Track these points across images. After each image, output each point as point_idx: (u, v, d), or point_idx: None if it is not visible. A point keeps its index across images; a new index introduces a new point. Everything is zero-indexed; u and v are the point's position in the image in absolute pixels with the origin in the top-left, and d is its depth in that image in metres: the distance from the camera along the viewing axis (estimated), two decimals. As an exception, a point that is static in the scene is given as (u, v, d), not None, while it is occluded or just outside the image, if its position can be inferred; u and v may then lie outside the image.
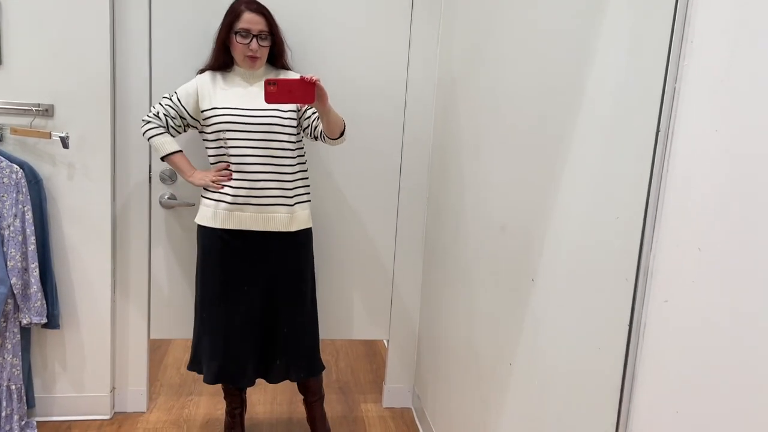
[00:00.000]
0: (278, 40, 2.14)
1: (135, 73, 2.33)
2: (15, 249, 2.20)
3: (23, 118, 2.25)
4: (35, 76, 2.23)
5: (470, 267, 1.98)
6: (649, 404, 1.02)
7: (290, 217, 2.12)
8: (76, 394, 2.46)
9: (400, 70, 2.48)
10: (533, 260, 1.49)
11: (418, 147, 2.55)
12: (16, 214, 2.20)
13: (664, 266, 0.98)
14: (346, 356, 3.33)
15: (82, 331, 2.42)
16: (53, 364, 2.43)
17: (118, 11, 2.28)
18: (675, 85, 0.97)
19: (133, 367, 2.53)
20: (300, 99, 1.88)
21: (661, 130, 0.99)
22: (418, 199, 2.59)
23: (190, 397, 2.74)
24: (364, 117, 2.48)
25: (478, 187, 1.93)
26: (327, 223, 2.55)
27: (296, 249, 2.19)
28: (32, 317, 2.25)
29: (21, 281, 2.23)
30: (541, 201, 1.44)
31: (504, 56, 1.73)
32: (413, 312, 2.69)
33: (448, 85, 2.32)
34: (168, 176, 2.40)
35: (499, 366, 1.69)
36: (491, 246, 1.80)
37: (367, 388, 2.95)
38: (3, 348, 2.26)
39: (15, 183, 2.19)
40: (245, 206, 2.08)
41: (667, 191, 0.98)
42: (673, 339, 0.96)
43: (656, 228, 1.00)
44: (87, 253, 2.37)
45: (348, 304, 2.64)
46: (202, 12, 2.30)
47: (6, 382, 2.26)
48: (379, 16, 2.43)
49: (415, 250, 2.63)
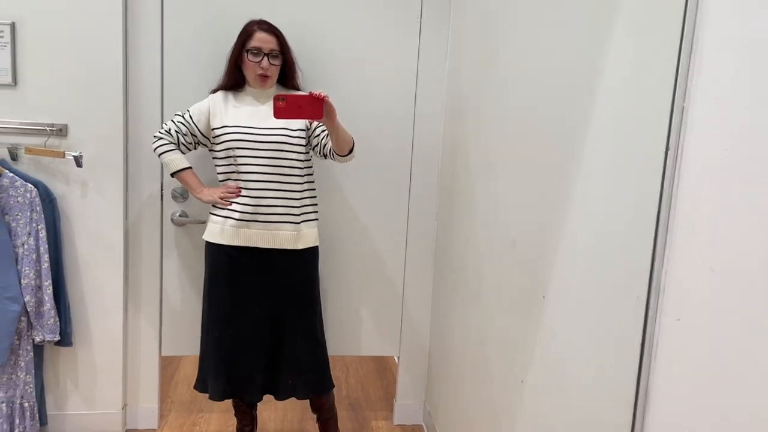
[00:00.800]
0: (289, 60, 2.18)
1: (147, 93, 2.36)
2: (29, 267, 2.22)
3: (38, 138, 2.28)
4: (49, 96, 2.27)
5: (481, 283, 1.98)
6: (663, 423, 1.01)
7: (296, 235, 2.14)
8: (88, 411, 2.47)
9: (409, 86, 2.50)
10: (545, 276, 1.49)
11: (427, 162, 2.56)
12: (30, 232, 2.22)
13: (676, 284, 0.98)
14: (356, 373, 3.32)
15: (94, 348, 2.43)
16: (65, 382, 2.44)
17: (131, 32, 2.32)
18: (683, 104, 0.97)
19: (144, 384, 2.54)
20: (309, 115, 1.90)
21: (671, 148, 0.99)
22: (428, 214, 2.59)
23: (201, 414, 2.74)
24: (374, 133, 2.50)
25: (489, 203, 1.94)
26: (337, 238, 2.56)
27: (303, 267, 2.20)
28: (45, 335, 2.27)
29: (35, 299, 2.25)
30: (551, 217, 1.45)
31: (512, 72, 1.75)
32: (424, 328, 2.68)
33: (457, 100, 2.34)
34: (179, 194, 2.43)
35: (511, 383, 1.69)
36: (502, 262, 1.80)
37: (378, 404, 2.94)
38: (16, 365, 2.28)
39: (29, 202, 2.22)
40: (252, 223, 2.10)
41: (677, 209, 0.98)
42: (686, 357, 0.96)
43: (667, 246, 1.00)
44: (100, 271, 2.39)
45: (358, 320, 2.64)
46: (213, 33, 2.34)
47: (19, 399, 2.28)
48: (387, 33, 2.45)
49: (425, 265, 2.63)
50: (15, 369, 2.28)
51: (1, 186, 2.19)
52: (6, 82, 2.22)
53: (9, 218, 2.22)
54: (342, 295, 2.61)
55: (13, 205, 2.21)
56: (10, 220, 2.22)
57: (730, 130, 0.87)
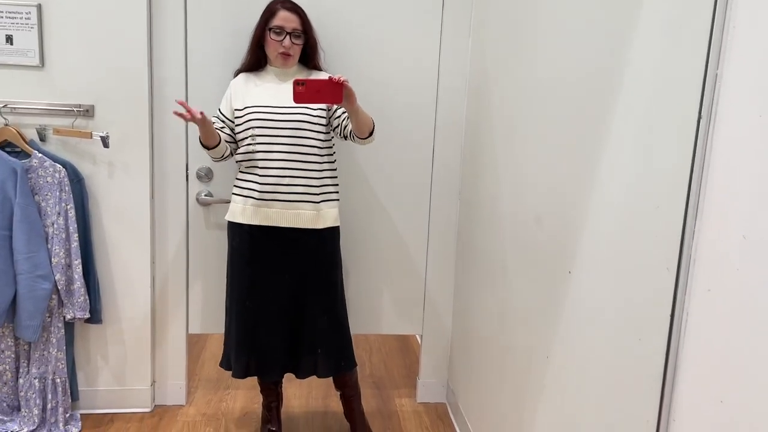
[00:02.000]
0: (311, 40, 2.18)
1: (172, 73, 2.38)
2: (59, 246, 2.27)
3: (65, 119, 2.31)
4: (76, 77, 2.30)
5: (505, 260, 1.97)
6: (693, 394, 1.00)
7: (316, 214, 2.14)
8: (118, 387, 2.52)
9: (432, 64, 2.48)
10: (570, 252, 1.47)
11: (449, 140, 2.54)
12: (59, 212, 2.26)
13: (706, 255, 0.97)
14: (379, 352, 3.34)
15: (123, 325, 2.48)
16: (96, 358, 2.49)
17: (155, 13, 2.33)
18: (717, 71, 0.95)
19: (172, 361, 2.58)
20: (328, 99, 1.90)
21: (703, 117, 0.97)
22: (451, 192, 2.58)
23: (228, 391, 2.79)
24: (396, 111, 2.49)
25: (513, 179, 1.92)
26: (359, 218, 2.56)
27: (323, 246, 2.20)
28: (76, 312, 2.32)
29: (65, 277, 2.29)
30: (577, 191, 1.43)
31: (538, 44, 1.72)
32: (446, 306, 2.69)
33: (481, 77, 2.31)
34: (204, 174, 2.45)
35: (536, 359, 1.68)
36: (526, 238, 1.79)
37: (401, 383, 2.96)
38: (48, 342, 2.33)
39: (58, 182, 2.25)
40: (272, 202, 2.11)
41: (709, 179, 0.96)
42: (716, 328, 0.94)
43: (698, 216, 0.99)
44: (127, 250, 2.43)
45: (381, 299, 2.65)
46: (236, 12, 2.34)
47: (51, 375, 2.33)
48: (410, 11, 2.43)
49: (447, 243, 2.63)
50: (47, 346, 2.33)
51: (31, 166, 2.23)
52: (33, 63, 2.25)
53: (39, 198, 2.26)
54: (365, 274, 2.62)
55: (42, 185, 2.25)
56: (39, 200, 2.26)
57: (764, 97, 0.85)
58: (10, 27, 2.21)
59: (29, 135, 2.29)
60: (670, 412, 1.06)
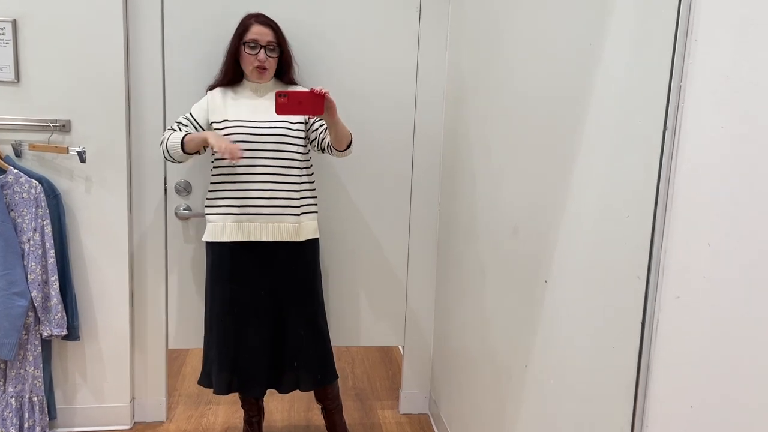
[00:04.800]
0: (286, 53, 2.19)
1: (149, 87, 2.37)
2: (35, 262, 2.24)
3: (41, 134, 2.29)
4: (52, 92, 2.28)
5: (484, 270, 1.99)
6: (664, 399, 1.02)
7: (297, 227, 2.16)
8: (97, 404, 2.49)
9: (409, 77, 2.51)
10: (546, 261, 1.49)
11: (428, 152, 2.57)
12: (35, 228, 2.24)
13: (675, 263, 0.99)
14: (362, 363, 3.34)
15: (101, 342, 2.45)
16: (74, 375, 2.46)
17: (132, 27, 2.33)
18: (681, 83, 0.98)
19: (152, 377, 2.56)
20: (310, 111, 1.93)
21: (668, 128, 1.00)
22: (430, 203, 2.60)
23: (209, 407, 2.77)
24: (375, 123, 2.51)
25: (490, 190, 1.95)
26: (339, 229, 2.57)
27: (304, 259, 2.21)
28: (53, 329, 2.29)
29: (41, 294, 2.27)
30: (552, 202, 1.45)
31: (513, 58, 1.75)
32: (428, 317, 2.70)
33: (458, 89, 2.34)
34: (183, 188, 2.44)
35: (515, 368, 1.70)
36: (504, 248, 1.81)
37: (384, 394, 2.96)
38: (25, 360, 2.30)
39: (34, 198, 2.23)
40: (254, 216, 2.12)
41: (676, 188, 0.99)
42: (686, 335, 0.96)
43: (666, 225, 1.01)
44: (105, 265, 2.41)
45: (362, 310, 2.65)
46: (213, 27, 2.34)
47: (28, 393, 2.30)
48: (386, 23, 2.46)
49: (428, 254, 2.65)
50: (23, 364, 2.30)
51: (6, 182, 2.21)
52: (9, 79, 2.24)
53: (14, 214, 2.24)
54: (346, 285, 2.62)
55: (18, 201, 2.23)
56: (15, 216, 2.24)
57: (727, 108, 0.88)
58: (-16, 43, 2.20)
59: (5, 151, 2.27)
60: (643, 419, 1.08)
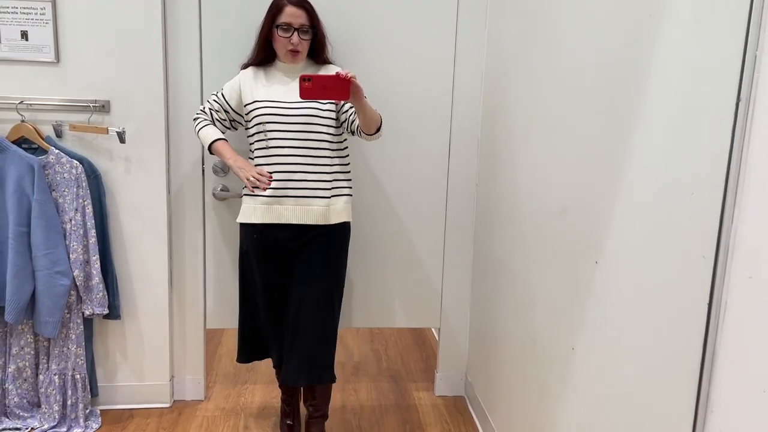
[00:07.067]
0: (320, 35, 2.13)
1: (187, 67, 2.37)
2: (77, 242, 2.27)
3: (81, 115, 2.30)
4: (91, 72, 2.29)
5: (527, 251, 1.95)
6: (732, 384, 0.98)
7: (327, 209, 2.10)
8: (137, 382, 2.53)
9: (447, 56, 2.46)
10: (597, 242, 1.45)
11: (466, 132, 2.52)
12: (77, 208, 2.26)
13: (747, 242, 0.94)
14: (396, 345, 3.33)
15: (141, 321, 2.48)
16: (115, 354, 2.50)
17: (169, 5, 2.32)
18: (756, 52, 0.92)
19: (190, 356, 2.58)
20: (335, 95, 1.87)
21: (742, 99, 0.95)
22: (468, 185, 2.56)
23: (246, 386, 2.79)
24: (411, 103, 2.47)
25: (534, 170, 1.90)
26: (374, 211, 2.55)
27: (331, 242, 2.15)
28: (94, 308, 2.32)
29: (83, 273, 2.29)
30: (606, 180, 1.41)
31: (560, 32, 1.70)
32: (464, 298, 2.67)
33: (498, 66, 2.29)
34: (220, 168, 2.44)
35: (560, 351, 1.66)
36: (550, 229, 1.76)
37: (418, 376, 2.95)
38: (67, 338, 2.33)
39: (75, 178, 2.25)
40: (283, 198, 2.07)
41: (749, 164, 0.94)
42: (758, 316, 0.92)
43: (737, 202, 0.96)
44: (144, 245, 2.43)
45: (397, 292, 2.64)
46: (251, 5, 2.32)
47: (71, 371, 2.34)
48: (422, 7, 2.40)
49: (464, 235, 2.61)
50: (66, 342, 2.34)
51: (48, 162, 2.23)
52: (49, 59, 2.25)
53: (56, 194, 2.26)
54: (380, 267, 2.60)
55: (59, 181, 2.25)
56: (57, 196, 2.26)
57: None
58: (24, 23, 2.21)
59: (45, 131, 2.29)
60: (708, 404, 1.04)
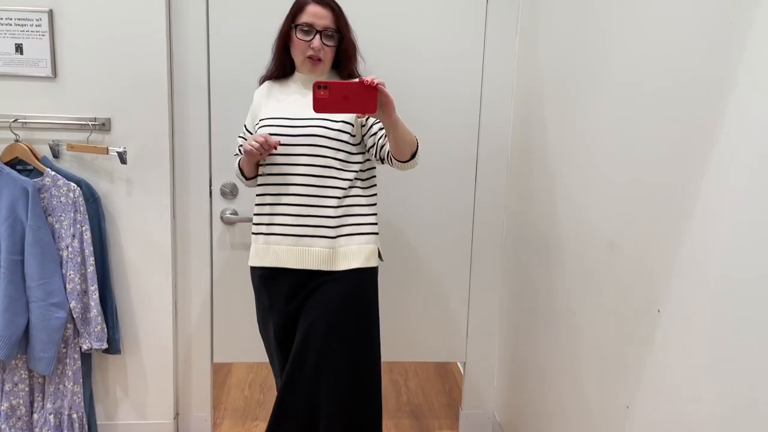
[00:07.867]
0: (347, 41, 1.77)
1: (193, 83, 2.19)
2: (74, 271, 2.09)
3: (80, 134, 2.14)
4: (91, 88, 2.12)
5: (568, 289, 1.74)
6: None
7: (332, 252, 1.71)
8: (139, 420, 2.34)
9: (475, 63, 2.26)
10: (658, 285, 1.24)
11: (494, 154, 2.32)
12: (74, 234, 2.09)
13: None
14: (416, 376, 3.12)
15: (143, 355, 2.30)
16: (115, 390, 2.31)
17: (175, 20, 2.15)
18: None
19: (196, 392, 2.39)
20: (358, 108, 1.49)
21: None
22: (495, 210, 2.36)
23: (255, 423, 2.59)
24: (435, 120, 2.28)
25: (575, 196, 1.69)
26: (397, 237, 2.35)
27: (344, 293, 1.71)
28: (93, 342, 2.14)
29: (80, 305, 2.12)
30: (667, 211, 1.20)
31: (613, 45, 1.50)
32: (492, 333, 2.46)
33: (532, 79, 2.09)
34: (229, 190, 2.26)
35: (612, 408, 1.45)
36: (595, 265, 1.56)
37: (441, 412, 2.74)
38: (63, 375, 2.16)
39: (72, 202, 2.08)
40: (280, 237, 1.73)
41: None
42: None
43: None
44: (147, 273, 2.25)
45: (420, 324, 2.43)
46: (260, 16, 2.14)
47: (67, 410, 2.16)
48: (450, 11, 2.22)
49: (492, 266, 2.40)
50: (62, 379, 2.16)
51: (44, 185, 2.06)
52: (45, 74, 2.08)
53: (52, 219, 2.09)
54: (403, 297, 2.40)
55: (56, 205, 2.08)
56: (53, 222, 2.09)
57: None
58: (19, 35, 2.05)
59: (42, 151, 2.12)
60: None
